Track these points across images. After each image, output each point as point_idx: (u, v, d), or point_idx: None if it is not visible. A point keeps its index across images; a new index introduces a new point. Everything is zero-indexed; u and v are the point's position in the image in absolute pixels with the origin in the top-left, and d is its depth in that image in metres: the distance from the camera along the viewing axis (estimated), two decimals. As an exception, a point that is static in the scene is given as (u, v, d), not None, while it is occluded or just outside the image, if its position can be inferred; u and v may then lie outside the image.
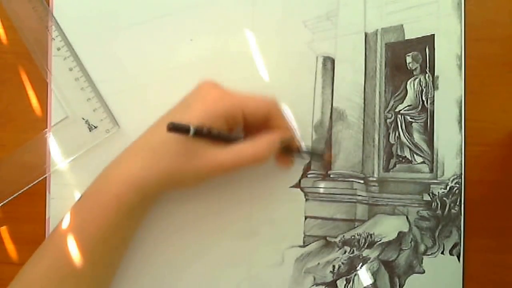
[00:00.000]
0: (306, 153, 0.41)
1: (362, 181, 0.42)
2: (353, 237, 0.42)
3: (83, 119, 0.41)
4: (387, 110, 0.42)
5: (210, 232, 0.42)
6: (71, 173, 0.41)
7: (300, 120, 0.42)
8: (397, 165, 0.42)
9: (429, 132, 0.42)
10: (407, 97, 0.42)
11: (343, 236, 0.42)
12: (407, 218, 0.42)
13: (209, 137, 0.35)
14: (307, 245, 0.42)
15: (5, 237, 0.41)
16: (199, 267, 0.42)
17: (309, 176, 0.42)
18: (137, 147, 0.37)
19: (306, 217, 0.42)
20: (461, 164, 0.42)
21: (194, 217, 0.42)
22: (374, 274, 0.42)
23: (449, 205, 0.42)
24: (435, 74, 0.42)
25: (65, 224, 0.36)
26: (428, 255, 0.42)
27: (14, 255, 0.41)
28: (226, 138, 0.36)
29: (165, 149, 0.35)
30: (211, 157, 0.35)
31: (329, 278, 0.42)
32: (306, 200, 0.42)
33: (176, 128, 0.34)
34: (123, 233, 0.38)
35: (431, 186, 0.42)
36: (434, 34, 0.42)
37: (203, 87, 0.37)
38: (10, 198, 0.41)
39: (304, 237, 0.42)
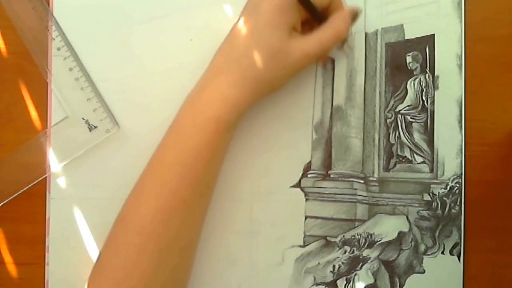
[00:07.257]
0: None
1: (362, 181, 0.42)
2: (353, 237, 0.42)
3: (83, 119, 0.41)
4: (387, 110, 0.42)
5: (210, 232, 0.42)
6: (71, 173, 0.41)
7: (300, 120, 0.42)
8: (397, 165, 0.42)
9: (429, 132, 0.42)
10: (407, 97, 0.42)
11: (343, 236, 0.42)
12: (407, 218, 0.42)
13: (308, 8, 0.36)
14: (307, 245, 0.42)
15: (5, 237, 0.41)
16: (199, 267, 0.41)
17: (309, 176, 0.42)
18: (219, 64, 0.37)
19: (306, 217, 0.42)
20: (461, 164, 0.42)
21: (194, 217, 0.42)
22: (374, 274, 0.42)
23: (449, 205, 0.42)
24: (435, 74, 0.42)
25: (162, 154, 0.36)
26: (428, 255, 0.42)
27: (14, 255, 0.41)
28: (317, 15, 0.37)
29: (251, 57, 0.35)
30: (298, 50, 0.36)
31: (329, 278, 0.42)
32: (306, 200, 0.42)
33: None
34: (220, 154, 0.38)
35: (431, 186, 0.42)
36: (434, 34, 0.42)
37: None
38: (10, 198, 0.41)
39: (304, 237, 0.42)
